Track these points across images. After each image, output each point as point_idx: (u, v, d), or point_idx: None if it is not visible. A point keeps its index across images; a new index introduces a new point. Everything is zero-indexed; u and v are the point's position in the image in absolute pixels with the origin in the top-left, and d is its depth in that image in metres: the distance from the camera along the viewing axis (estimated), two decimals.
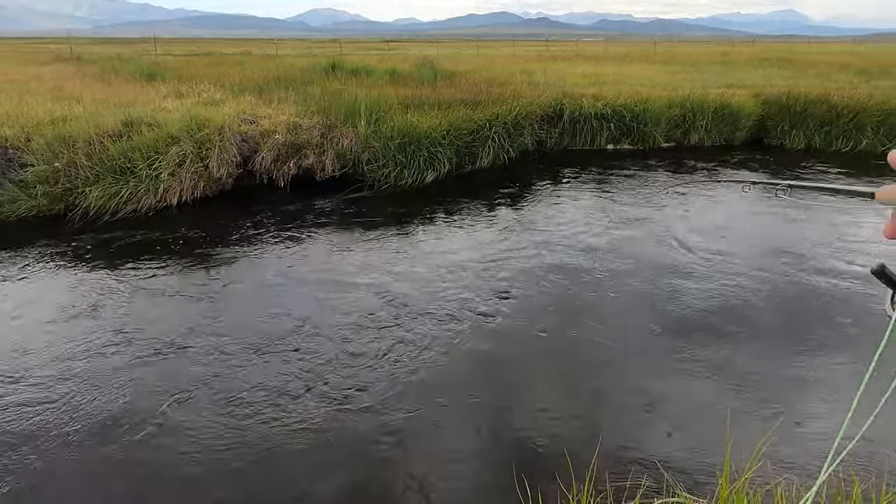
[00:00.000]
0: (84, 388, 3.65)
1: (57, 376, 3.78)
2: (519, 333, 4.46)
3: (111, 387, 3.67)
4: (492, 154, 9.87)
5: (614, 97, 11.71)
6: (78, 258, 5.83)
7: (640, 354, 4.21)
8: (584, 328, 4.55)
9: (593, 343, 4.33)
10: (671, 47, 39.33)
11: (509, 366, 4.05)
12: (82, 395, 3.58)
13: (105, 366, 3.91)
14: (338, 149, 8.61)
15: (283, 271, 5.63)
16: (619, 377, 3.98)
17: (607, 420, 3.51)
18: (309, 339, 4.31)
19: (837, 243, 6.28)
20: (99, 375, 3.80)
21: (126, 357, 4.03)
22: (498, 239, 6.51)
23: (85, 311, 4.71)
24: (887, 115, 11.56)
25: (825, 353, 4.16)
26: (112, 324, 4.51)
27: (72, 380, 3.74)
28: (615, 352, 4.24)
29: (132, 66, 15.36)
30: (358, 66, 15.79)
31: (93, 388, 3.66)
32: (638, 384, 3.85)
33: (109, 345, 4.19)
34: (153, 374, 3.84)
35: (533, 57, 25.21)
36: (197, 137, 7.69)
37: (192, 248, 6.17)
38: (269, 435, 3.28)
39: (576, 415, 3.57)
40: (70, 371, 3.84)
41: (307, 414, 3.45)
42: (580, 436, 3.32)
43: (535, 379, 3.90)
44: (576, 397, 3.77)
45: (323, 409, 3.49)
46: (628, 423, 3.47)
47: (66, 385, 3.68)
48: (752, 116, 12.04)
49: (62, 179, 6.97)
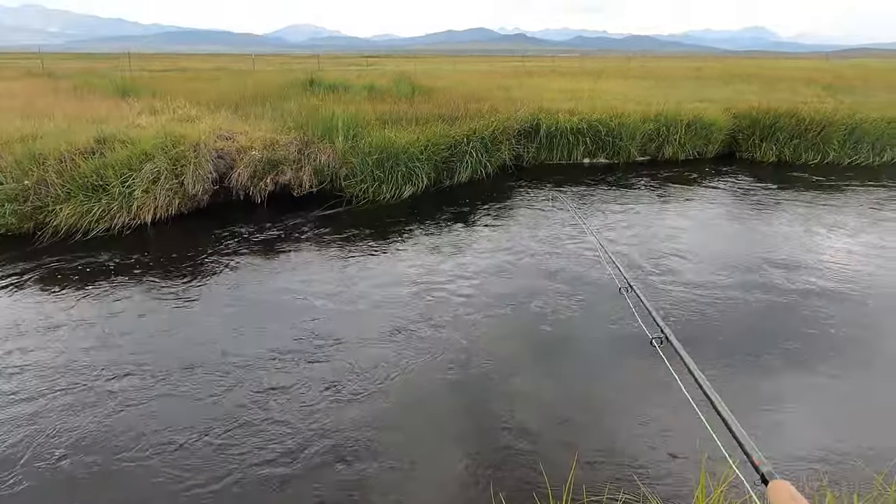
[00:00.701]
0: (35, 412, 3.55)
1: (10, 397, 3.66)
2: (488, 350, 4.46)
3: (65, 411, 3.57)
4: (469, 169, 9.93)
5: (590, 112, 11.89)
6: (46, 278, 5.68)
7: (629, 363, 4.24)
8: (550, 343, 4.56)
9: (569, 356, 4.35)
10: (645, 63, 40.15)
11: (478, 383, 4.04)
12: (35, 418, 3.48)
13: (65, 388, 3.81)
14: (315, 165, 8.58)
15: (256, 290, 5.56)
16: (592, 389, 4.00)
17: (582, 435, 3.51)
18: (279, 358, 4.26)
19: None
20: (53, 399, 3.69)
21: (87, 378, 3.92)
22: (471, 256, 6.52)
23: (49, 332, 4.59)
24: (852, 128, 11.93)
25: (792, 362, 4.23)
26: (77, 344, 4.40)
27: (24, 403, 3.63)
28: (593, 364, 4.26)
29: (106, 81, 15.16)
30: (336, 81, 15.80)
31: (44, 411, 3.56)
32: (616, 397, 3.87)
33: (73, 367, 4.08)
34: (114, 398, 3.75)
35: (510, 72, 25.52)
36: (172, 154, 7.61)
37: (165, 267, 6.07)
38: (228, 460, 3.21)
39: (553, 430, 3.56)
40: (24, 393, 3.73)
41: (269, 435, 3.39)
42: (557, 455, 3.31)
43: (508, 395, 3.89)
44: (551, 413, 3.77)
45: (288, 430, 3.44)
46: (605, 437, 3.48)
47: (17, 408, 3.57)
48: (724, 130, 12.34)
49: (32, 197, 6.82)
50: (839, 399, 3.91)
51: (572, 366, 4.29)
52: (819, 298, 5.33)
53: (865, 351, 4.47)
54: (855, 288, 5.55)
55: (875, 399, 3.89)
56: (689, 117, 12.16)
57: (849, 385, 4.05)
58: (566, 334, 4.71)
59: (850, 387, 4.04)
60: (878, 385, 4.05)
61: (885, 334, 4.76)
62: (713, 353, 4.35)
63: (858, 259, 6.36)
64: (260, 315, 4.98)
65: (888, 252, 6.59)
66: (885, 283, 5.72)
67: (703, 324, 4.84)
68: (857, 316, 5.02)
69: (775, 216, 8.14)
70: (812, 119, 12.03)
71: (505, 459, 3.23)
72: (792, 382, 4.02)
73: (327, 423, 3.50)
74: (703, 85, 18.63)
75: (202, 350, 4.36)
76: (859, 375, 4.16)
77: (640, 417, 3.60)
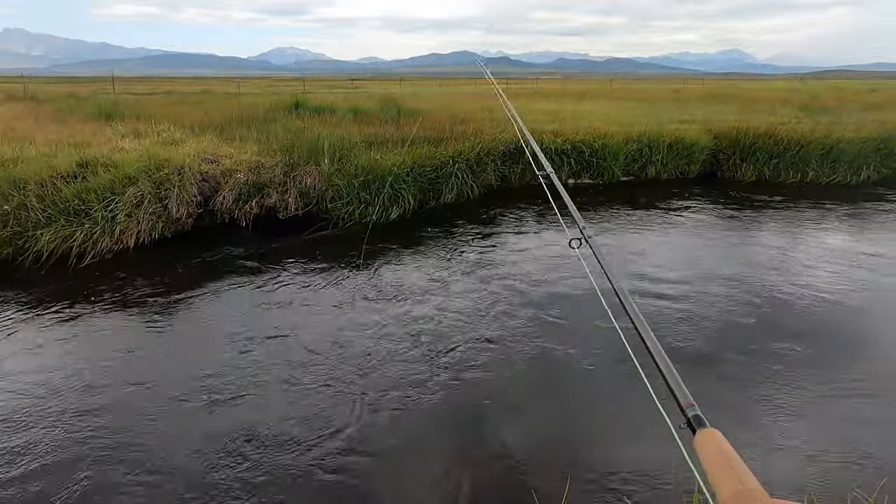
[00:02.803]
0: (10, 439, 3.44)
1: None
2: (472, 371, 4.43)
3: (43, 440, 3.47)
4: (455, 190, 9.97)
5: (573, 133, 12.04)
6: (25, 303, 5.56)
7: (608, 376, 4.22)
8: (546, 358, 4.55)
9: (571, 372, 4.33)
10: (626, 84, 40.92)
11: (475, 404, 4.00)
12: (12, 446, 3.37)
13: (38, 415, 3.70)
14: (301, 187, 8.56)
15: (239, 314, 5.49)
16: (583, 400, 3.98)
17: (578, 454, 3.48)
18: (261, 385, 4.19)
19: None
20: (29, 427, 3.59)
21: (60, 406, 3.82)
22: (456, 277, 6.51)
23: (26, 358, 4.48)
24: (829, 147, 12.20)
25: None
26: (53, 373, 4.29)
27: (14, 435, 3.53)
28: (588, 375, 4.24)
29: (89, 105, 15.09)
30: (322, 104, 15.85)
31: (20, 437, 3.45)
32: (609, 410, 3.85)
33: (46, 394, 3.97)
34: (88, 426, 3.65)
35: (494, 94, 25.76)
36: (155, 177, 7.55)
37: (148, 292, 5.96)
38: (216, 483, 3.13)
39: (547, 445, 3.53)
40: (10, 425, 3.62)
41: (256, 464, 3.32)
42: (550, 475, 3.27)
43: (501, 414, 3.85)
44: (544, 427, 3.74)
45: (278, 454, 3.37)
46: (595, 455, 3.45)
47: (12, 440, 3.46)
48: (706, 150, 12.54)
49: (11, 223, 6.71)
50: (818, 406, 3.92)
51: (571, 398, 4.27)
52: (800, 312, 5.38)
53: (844, 364, 4.51)
54: (837, 300, 5.62)
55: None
56: (671, 138, 12.37)
57: (825, 395, 4.07)
58: (556, 353, 4.69)
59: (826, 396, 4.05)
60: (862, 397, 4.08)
61: (871, 345, 4.81)
62: (697, 372, 4.36)
63: (840, 274, 6.45)
64: (243, 340, 4.90)
65: (873, 264, 6.71)
66: (869, 296, 5.81)
67: (685, 338, 4.86)
68: (838, 328, 5.07)
69: (757, 234, 8.26)
70: (790, 139, 12.30)
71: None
72: (771, 391, 4.03)
73: (312, 456, 3.44)
74: (682, 106, 18.97)
75: (181, 376, 4.27)
76: (834, 388, 4.18)
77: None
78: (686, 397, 0.91)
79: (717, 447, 0.77)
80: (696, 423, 0.85)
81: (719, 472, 0.68)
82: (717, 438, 0.79)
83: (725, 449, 0.75)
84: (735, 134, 12.73)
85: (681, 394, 0.91)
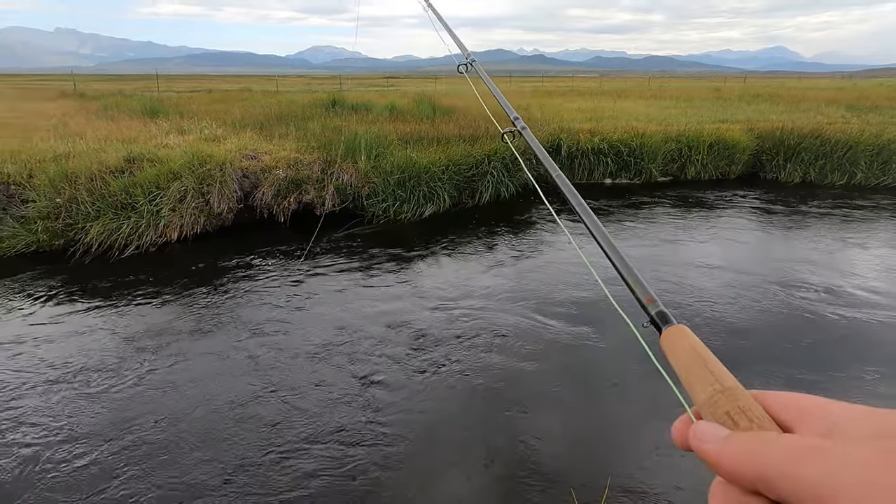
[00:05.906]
0: (74, 427, 3.59)
1: (50, 412, 3.71)
2: (508, 374, 4.42)
3: (99, 425, 3.61)
4: (491, 188, 9.94)
5: (611, 132, 11.87)
6: (76, 293, 5.79)
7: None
8: (579, 364, 4.51)
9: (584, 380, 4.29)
10: (664, 83, 40.11)
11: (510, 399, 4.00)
12: (73, 436, 3.52)
13: (88, 404, 3.85)
14: (338, 184, 8.67)
15: (278, 307, 5.59)
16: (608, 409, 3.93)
17: (614, 458, 3.44)
18: (309, 373, 4.27)
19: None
20: (85, 413, 3.73)
21: (105, 388, 3.97)
22: (490, 276, 6.50)
23: (77, 346, 4.66)
24: (880, 148, 11.73)
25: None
26: (102, 361, 4.45)
27: (64, 419, 3.68)
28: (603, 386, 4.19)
29: (135, 102, 15.58)
30: (358, 102, 16.02)
31: (80, 426, 3.60)
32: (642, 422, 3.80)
33: (97, 384, 4.13)
34: (135, 409, 3.78)
35: (529, 92, 25.64)
36: (198, 173, 7.75)
37: (191, 284, 6.14)
38: (273, 480, 3.21)
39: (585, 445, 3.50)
40: (60, 407, 3.78)
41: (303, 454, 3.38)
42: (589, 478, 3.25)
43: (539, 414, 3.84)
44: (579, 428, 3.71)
45: (327, 450, 3.43)
46: (632, 462, 3.41)
47: (59, 423, 3.62)
48: (748, 151, 12.21)
49: (63, 215, 6.99)
50: None
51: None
52: (849, 318, 5.20)
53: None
54: (886, 308, 5.41)
55: None
56: (712, 138, 12.08)
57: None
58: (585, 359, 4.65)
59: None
60: None
61: None
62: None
63: (891, 282, 6.21)
64: (283, 333, 5.00)
65: None
66: None
67: (736, 341, 4.75)
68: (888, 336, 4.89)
69: (804, 237, 8.00)
70: (838, 139, 11.87)
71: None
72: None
73: (365, 438, 3.49)
74: (723, 105, 18.51)
75: (224, 366, 4.39)
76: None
77: None
78: (647, 293, 0.79)
79: (688, 344, 0.66)
80: (660, 320, 0.72)
81: (692, 372, 0.58)
82: (686, 334, 0.68)
83: (697, 346, 0.65)
84: (779, 134, 12.36)
85: (640, 290, 0.79)
